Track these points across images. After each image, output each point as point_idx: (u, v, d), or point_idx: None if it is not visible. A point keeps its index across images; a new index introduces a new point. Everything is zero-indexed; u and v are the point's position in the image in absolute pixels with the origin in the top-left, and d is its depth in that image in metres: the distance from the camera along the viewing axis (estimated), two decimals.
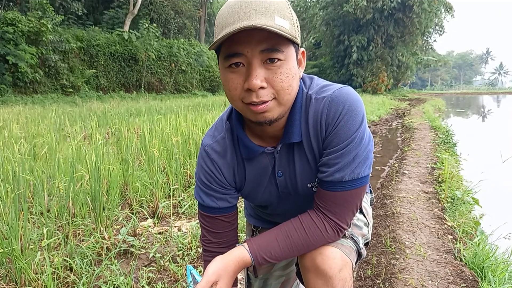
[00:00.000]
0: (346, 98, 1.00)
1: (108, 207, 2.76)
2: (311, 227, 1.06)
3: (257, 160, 1.13)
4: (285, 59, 0.91)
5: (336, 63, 35.85)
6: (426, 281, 2.04)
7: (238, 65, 0.91)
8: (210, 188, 1.16)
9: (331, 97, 1.00)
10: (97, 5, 27.49)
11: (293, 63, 0.94)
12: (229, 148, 1.13)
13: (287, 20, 0.90)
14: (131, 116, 8.55)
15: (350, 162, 1.00)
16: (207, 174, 1.15)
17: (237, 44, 0.89)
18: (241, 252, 1.07)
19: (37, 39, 16.27)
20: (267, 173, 1.15)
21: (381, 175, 4.95)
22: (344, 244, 1.12)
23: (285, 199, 1.21)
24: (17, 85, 15.69)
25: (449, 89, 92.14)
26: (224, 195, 1.17)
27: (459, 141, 7.16)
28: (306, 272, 1.12)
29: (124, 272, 2.10)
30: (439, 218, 3.05)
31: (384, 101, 20.19)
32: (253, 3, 0.88)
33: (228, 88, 0.96)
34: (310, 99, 1.04)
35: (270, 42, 0.88)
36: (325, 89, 1.04)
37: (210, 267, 1.04)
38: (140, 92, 21.72)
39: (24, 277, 1.89)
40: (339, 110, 0.99)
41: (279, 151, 1.10)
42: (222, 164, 1.14)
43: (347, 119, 0.98)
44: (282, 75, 0.91)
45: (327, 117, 1.00)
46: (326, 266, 1.06)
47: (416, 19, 31.00)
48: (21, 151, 3.90)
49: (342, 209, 1.06)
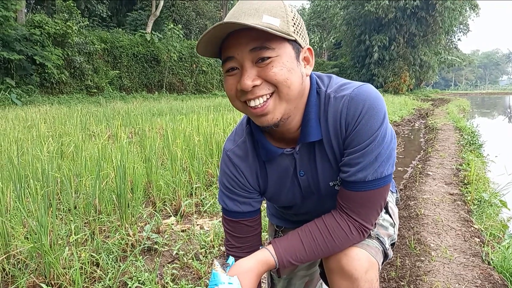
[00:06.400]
0: (367, 96, 0.98)
1: (133, 204, 2.82)
2: (336, 228, 1.05)
3: (278, 161, 1.13)
4: (277, 56, 0.91)
5: (356, 63, 35.40)
6: (452, 284, 2.00)
7: (234, 69, 0.94)
8: (233, 192, 1.16)
9: (351, 96, 0.99)
10: (120, 7, 28.02)
11: (289, 58, 0.93)
12: (250, 151, 1.14)
13: (278, 18, 0.90)
14: (154, 116, 8.68)
15: (372, 161, 0.99)
16: (230, 178, 1.15)
17: (228, 48, 0.92)
18: (266, 255, 1.06)
19: (63, 41, 16.71)
20: (289, 174, 1.14)
21: (404, 176, 4.87)
22: (369, 244, 1.11)
23: (309, 199, 1.20)
24: (44, 86, 16.15)
25: (474, 89, 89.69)
26: (247, 199, 1.17)
27: (485, 142, 6.97)
28: (331, 273, 1.11)
29: (148, 269, 2.13)
30: (465, 220, 2.97)
31: (406, 101, 19.83)
32: (244, 6, 0.91)
33: (226, 90, 0.98)
34: (329, 98, 1.03)
35: (258, 41, 0.89)
36: (344, 87, 1.03)
37: (233, 270, 1.04)
38: (162, 93, 22.01)
39: (53, 272, 1.94)
40: (359, 109, 0.97)
41: (299, 151, 1.09)
42: (244, 168, 1.14)
43: (368, 118, 0.97)
44: (275, 68, 0.91)
45: (347, 117, 0.99)
46: (351, 267, 1.05)
47: (439, 18, 30.29)
48: (49, 150, 4.01)
49: (366, 209, 1.05)
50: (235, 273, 1.04)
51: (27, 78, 15.28)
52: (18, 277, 1.90)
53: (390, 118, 11.32)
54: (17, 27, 14.87)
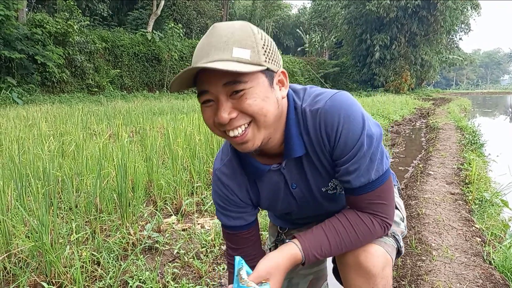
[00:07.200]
0: (340, 106, 1.00)
1: (134, 203, 2.82)
2: (359, 224, 1.07)
3: (267, 177, 1.15)
4: (251, 87, 0.91)
5: (358, 62, 35.34)
6: (454, 283, 1.99)
7: (209, 101, 0.95)
8: (226, 209, 1.19)
9: (324, 109, 1.00)
10: (121, 7, 28.03)
11: (263, 88, 0.93)
12: (238, 168, 1.15)
13: (248, 48, 0.90)
14: (155, 115, 8.68)
15: (369, 164, 1.02)
16: (221, 197, 1.19)
17: (202, 83, 0.93)
18: (292, 249, 1.06)
19: (64, 40, 16.71)
20: (280, 188, 1.16)
21: (405, 176, 4.86)
22: (386, 242, 1.14)
23: (305, 206, 1.22)
24: (45, 85, 16.16)
25: (475, 89, 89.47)
26: (240, 214, 1.20)
27: (486, 142, 6.95)
28: (346, 269, 1.12)
29: (149, 268, 2.13)
30: (466, 220, 2.97)
31: (407, 100, 19.80)
32: (213, 39, 0.91)
33: (204, 120, 1.00)
34: (305, 112, 1.04)
35: (231, 75, 0.89)
36: (317, 100, 1.03)
37: (261, 264, 1.04)
38: (163, 92, 22.01)
39: (54, 270, 1.94)
40: (336, 120, 0.99)
41: (286, 166, 1.11)
42: (233, 186, 1.16)
43: (347, 127, 0.98)
44: (250, 100, 0.92)
45: (326, 130, 1.01)
46: (369, 263, 1.07)
47: (440, 17, 30.24)
48: (50, 149, 4.02)
49: (381, 205, 1.08)
50: (263, 266, 1.03)
51: (28, 77, 15.30)
52: (19, 276, 1.90)
53: (391, 118, 11.31)
54: (18, 26, 14.87)
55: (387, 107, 13.74)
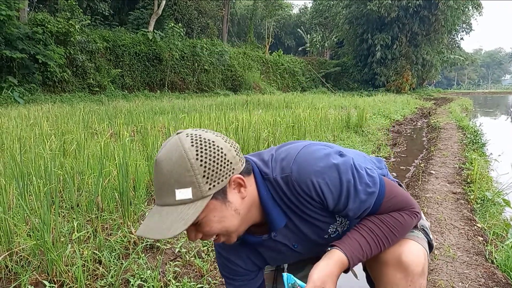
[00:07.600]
0: (306, 167, 1.02)
1: (135, 202, 2.82)
2: (390, 220, 1.10)
3: (265, 245, 1.19)
4: (204, 216, 0.96)
5: (359, 62, 35.32)
6: (456, 282, 1.99)
7: None
8: (233, 279, 1.27)
9: (294, 177, 1.03)
10: (122, 6, 28.01)
11: (216, 212, 0.97)
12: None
13: (189, 186, 0.93)
14: (156, 115, 8.68)
15: (364, 192, 1.05)
16: (225, 268, 1.26)
17: None
18: (340, 255, 1.07)
19: (65, 39, 16.70)
20: (281, 250, 1.20)
21: (406, 175, 4.86)
22: (419, 236, 1.19)
23: (313, 252, 1.27)
24: (46, 84, 16.15)
25: (476, 88, 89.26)
26: (247, 281, 1.27)
27: (488, 141, 6.94)
28: (384, 268, 1.15)
29: (151, 266, 2.13)
30: (468, 219, 2.96)
31: (408, 100, 19.78)
32: (158, 180, 0.96)
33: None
34: (277, 181, 1.06)
35: None
36: (283, 166, 1.06)
37: (314, 274, 1.04)
38: (164, 91, 21.99)
39: (56, 269, 1.94)
40: (310, 185, 1.02)
41: (278, 233, 1.14)
42: (234, 257, 1.22)
43: (324, 184, 1.01)
44: (206, 227, 0.98)
45: (305, 195, 1.04)
46: (409, 260, 1.11)
47: (442, 17, 30.20)
48: (52, 148, 4.02)
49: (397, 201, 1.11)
50: (317, 276, 1.04)
51: (30, 77, 15.29)
52: (21, 274, 1.90)
53: (393, 117, 11.29)
54: (19, 25, 14.87)
55: (388, 106, 13.74)
